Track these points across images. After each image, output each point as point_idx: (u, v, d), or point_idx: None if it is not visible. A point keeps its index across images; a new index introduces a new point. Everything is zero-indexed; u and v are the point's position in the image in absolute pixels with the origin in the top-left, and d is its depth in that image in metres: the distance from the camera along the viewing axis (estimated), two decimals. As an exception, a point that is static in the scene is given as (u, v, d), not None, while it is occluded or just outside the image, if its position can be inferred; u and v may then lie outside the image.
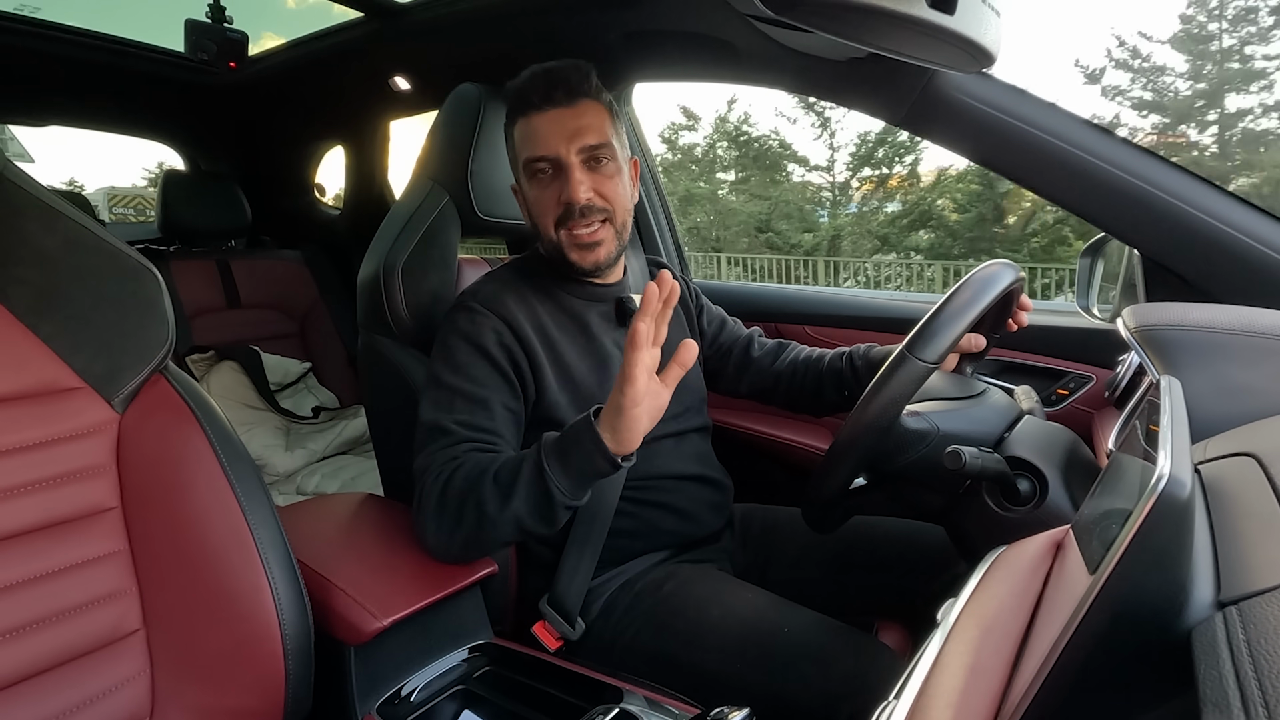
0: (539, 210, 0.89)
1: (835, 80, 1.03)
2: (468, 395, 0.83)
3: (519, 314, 0.89)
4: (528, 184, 0.90)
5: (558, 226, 0.89)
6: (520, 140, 0.89)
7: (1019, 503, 0.71)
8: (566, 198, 0.87)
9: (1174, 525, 0.28)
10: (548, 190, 0.88)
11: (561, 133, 0.86)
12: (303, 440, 1.89)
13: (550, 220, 0.89)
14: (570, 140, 0.86)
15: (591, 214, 0.88)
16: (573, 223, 0.88)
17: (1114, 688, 0.29)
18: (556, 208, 0.88)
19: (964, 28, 0.70)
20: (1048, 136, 0.90)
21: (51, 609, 0.60)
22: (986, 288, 0.75)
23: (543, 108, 0.87)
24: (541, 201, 0.89)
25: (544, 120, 0.87)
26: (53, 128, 1.94)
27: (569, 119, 0.86)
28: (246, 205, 2.07)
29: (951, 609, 0.43)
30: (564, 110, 0.86)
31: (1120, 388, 0.86)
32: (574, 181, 0.86)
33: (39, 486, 0.61)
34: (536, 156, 0.87)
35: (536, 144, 0.87)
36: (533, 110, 0.87)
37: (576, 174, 0.86)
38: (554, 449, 0.74)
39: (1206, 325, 0.69)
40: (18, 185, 0.64)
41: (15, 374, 0.62)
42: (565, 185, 0.87)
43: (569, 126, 0.86)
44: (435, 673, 0.79)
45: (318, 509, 1.00)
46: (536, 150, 0.87)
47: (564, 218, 0.88)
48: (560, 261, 0.91)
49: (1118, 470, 0.46)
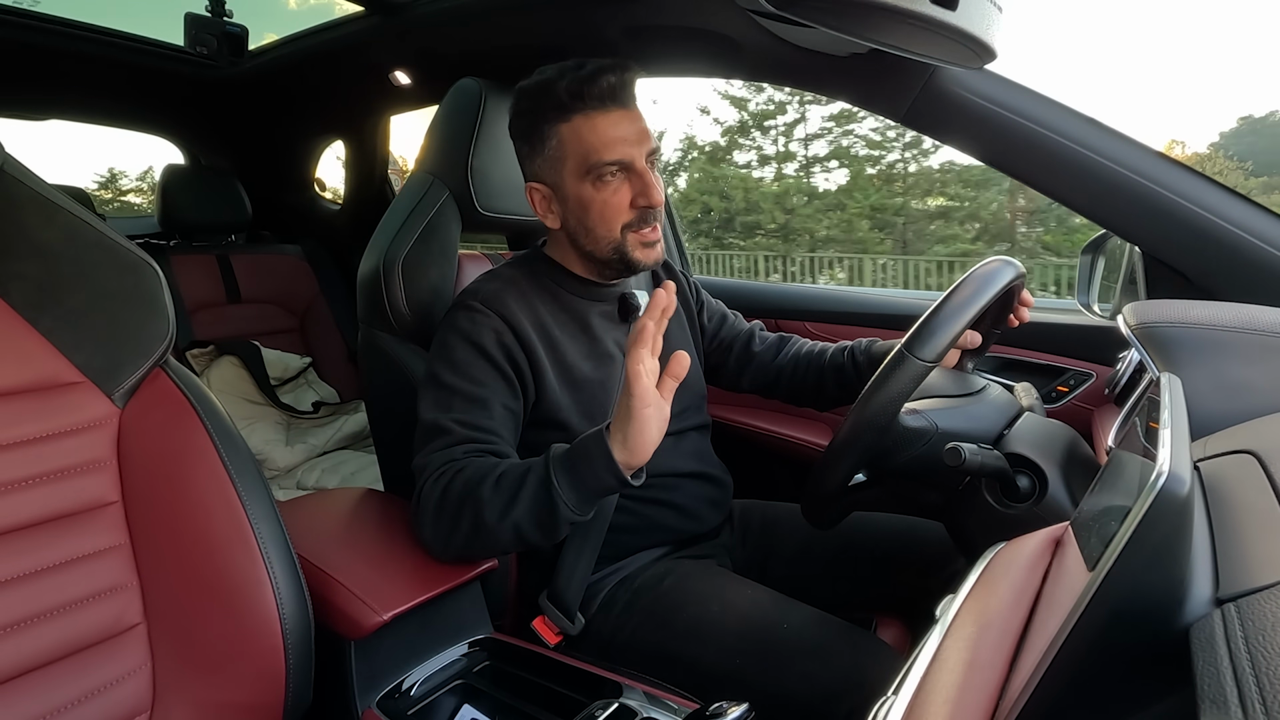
0: (605, 213, 0.87)
1: (836, 76, 1.03)
2: (466, 394, 0.83)
3: (520, 314, 0.88)
4: (589, 186, 0.86)
5: (626, 229, 0.88)
6: (582, 138, 0.85)
7: (1018, 499, 0.71)
8: (646, 202, 0.86)
9: (1173, 522, 0.28)
10: (618, 193, 0.86)
11: (631, 136, 0.85)
12: (303, 435, 1.89)
13: (618, 222, 0.87)
14: (639, 144, 0.85)
15: (658, 216, 0.88)
16: (645, 225, 0.88)
17: (1112, 684, 0.29)
18: (628, 211, 0.87)
19: (966, 23, 0.70)
20: (1048, 132, 0.90)
21: (53, 603, 0.60)
22: (986, 285, 0.75)
23: (607, 108, 0.84)
24: (610, 204, 0.86)
25: (609, 122, 0.84)
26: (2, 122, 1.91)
27: (631, 121, 0.85)
28: (247, 200, 2.07)
29: (950, 605, 0.43)
30: (625, 112, 0.85)
31: (1120, 385, 0.86)
32: (653, 186, 0.85)
33: (40, 481, 0.61)
34: (610, 160, 0.84)
35: (608, 147, 0.84)
36: (594, 110, 0.84)
37: (652, 178, 0.86)
38: (563, 463, 0.73)
39: (1207, 322, 0.69)
40: (17, 179, 0.64)
41: (16, 368, 0.62)
42: (642, 189, 0.85)
43: (634, 129, 0.85)
44: (435, 667, 0.79)
45: (318, 504, 1.00)
46: (609, 154, 0.84)
47: (636, 222, 0.87)
48: (618, 261, 0.90)
49: (1117, 467, 0.46)
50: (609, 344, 0.96)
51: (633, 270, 0.92)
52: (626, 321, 0.98)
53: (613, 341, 0.96)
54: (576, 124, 0.85)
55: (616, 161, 0.85)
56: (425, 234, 1.00)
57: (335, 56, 1.66)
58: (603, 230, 0.88)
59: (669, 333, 1.03)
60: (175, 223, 1.97)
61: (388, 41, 1.51)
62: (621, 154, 0.84)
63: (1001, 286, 0.76)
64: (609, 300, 0.98)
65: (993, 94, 0.92)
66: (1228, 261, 0.85)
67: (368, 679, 0.75)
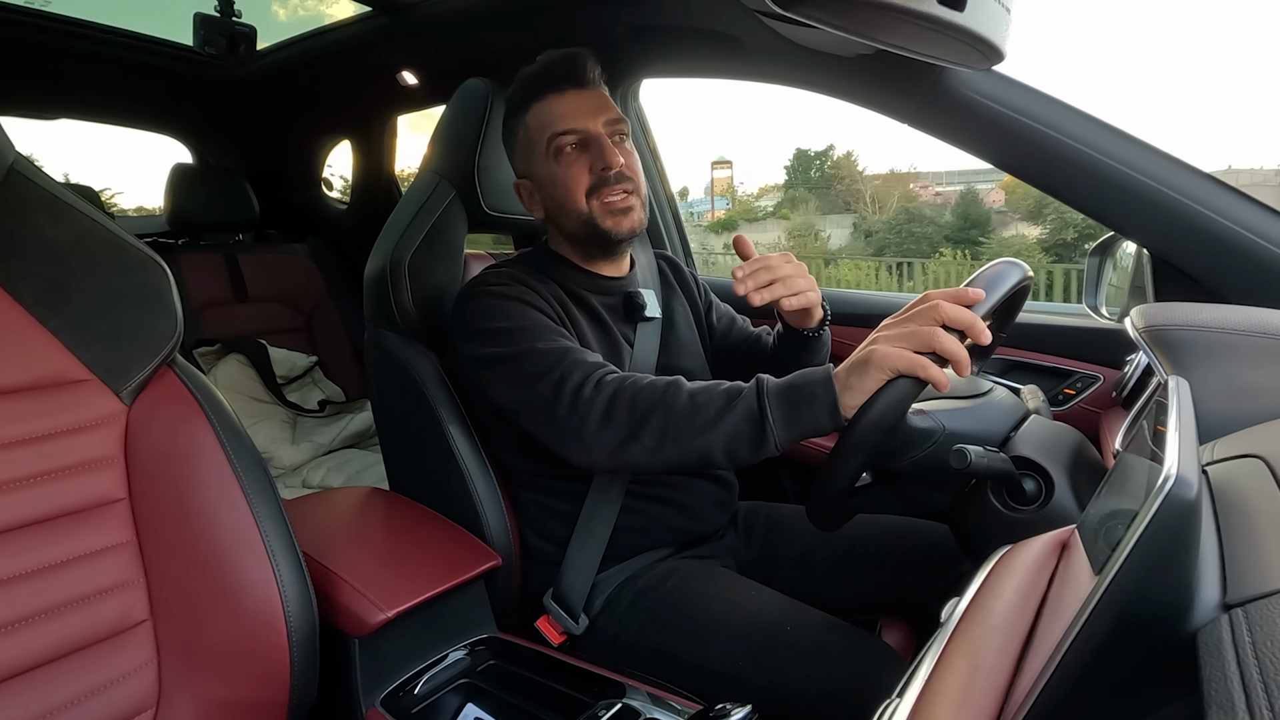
0: (568, 183, 0.89)
1: (843, 77, 1.03)
2: (541, 327, 0.84)
3: (538, 289, 0.89)
4: (552, 163, 0.90)
5: (589, 196, 0.89)
6: (541, 121, 0.90)
7: (1024, 502, 0.71)
8: (602, 164, 0.88)
9: (1180, 526, 0.28)
10: (576, 164, 0.89)
11: (586, 108, 0.89)
12: (308, 434, 1.90)
13: (581, 191, 0.89)
14: (596, 114, 0.89)
15: (623, 180, 0.89)
16: (606, 189, 0.89)
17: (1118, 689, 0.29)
18: (589, 177, 0.89)
19: (974, 24, 0.70)
20: (1056, 134, 0.90)
21: (61, 598, 0.60)
22: (994, 287, 0.74)
23: (563, 90, 0.89)
24: (570, 175, 0.89)
25: (565, 100, 0.89)
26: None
27: (590, 98, 0.90)
28: (254, 199, 2.08)
29: (955, 608, 0.43)
30: (582, 91, 0.90)
31: (1128, 388, 0.86)
32: (609, 148, 0.88)
33: (48, 477, 0.61)
34: (563, 130, 0.88)
35: (563, 120, 0.89)
36: (551, 93, 0.90)
37: (609, 143, 0.88)
38: (780, 400, 0.71)
39: (1216, 325, 0.68)
40: (27, 178, 0.65)
41: (25, 366, 0.62)
42: (599, 154, 0.88)
43: (591, 103, 0.90)
44: (439, 666, 0.79)
45: (323, 502, 1.01)
46: (563, 125, 0.88)
47: (597, 185, 0.89)
48: (591, 235, 0.91)
49: (1124, 471, 0.45)
50: (618, 334, 0.96)
51: (609, 242, 0.92)
52: (631, 320, 0.98)
53: (620, 333, 0.96)
54: (535, 110, 0.91)
55: (570, 130, 0.88)
56: (432, 233, 1.01)
57: (343, 57, 1.67)
58: (570, 203, 0.90)
59: (676, 330, 1.03)
60: (184, 221, 1.98)
61: (395, 42, 1.52)
62: (574, 123, 0.88)
63: (1008, 288, 0.76)
64: (615, 294, 0.98)
65: (1000, 95, 0.92)
66: (1237, 264, 0.84)
67: (372, 677, 0.76)
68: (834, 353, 1.40)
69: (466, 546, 0.89)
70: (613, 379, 0.77)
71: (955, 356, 0.66)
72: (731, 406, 0.72)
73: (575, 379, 0.77)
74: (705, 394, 0.74)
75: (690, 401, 0.73)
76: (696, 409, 0.73)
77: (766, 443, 0.71)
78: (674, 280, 1.11)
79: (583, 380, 0.77)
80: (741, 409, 0.71)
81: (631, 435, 0.74)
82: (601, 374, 0.78)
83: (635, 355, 0.96)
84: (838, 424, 0.69)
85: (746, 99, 62.67)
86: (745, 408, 0.71)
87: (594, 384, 0.77)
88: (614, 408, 0.75)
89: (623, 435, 0.75)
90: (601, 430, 0.75)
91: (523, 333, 0.83)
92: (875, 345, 0.68)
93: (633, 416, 0.74)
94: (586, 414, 0.76)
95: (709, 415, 0.72)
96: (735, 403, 0.72)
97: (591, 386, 0.77)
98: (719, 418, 0.72)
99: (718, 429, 0.72)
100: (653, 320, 1.00)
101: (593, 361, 0.80)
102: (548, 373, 0.79)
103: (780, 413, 0.70)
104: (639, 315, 0.98)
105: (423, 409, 0.95)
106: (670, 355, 1.00)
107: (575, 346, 0.83)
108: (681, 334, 1.04)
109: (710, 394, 0.74)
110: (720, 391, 0.74)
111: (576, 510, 0.91)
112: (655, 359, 0.98)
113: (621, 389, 0.76)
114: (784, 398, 0.71)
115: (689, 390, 0.74)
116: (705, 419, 0.72)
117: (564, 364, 0.79)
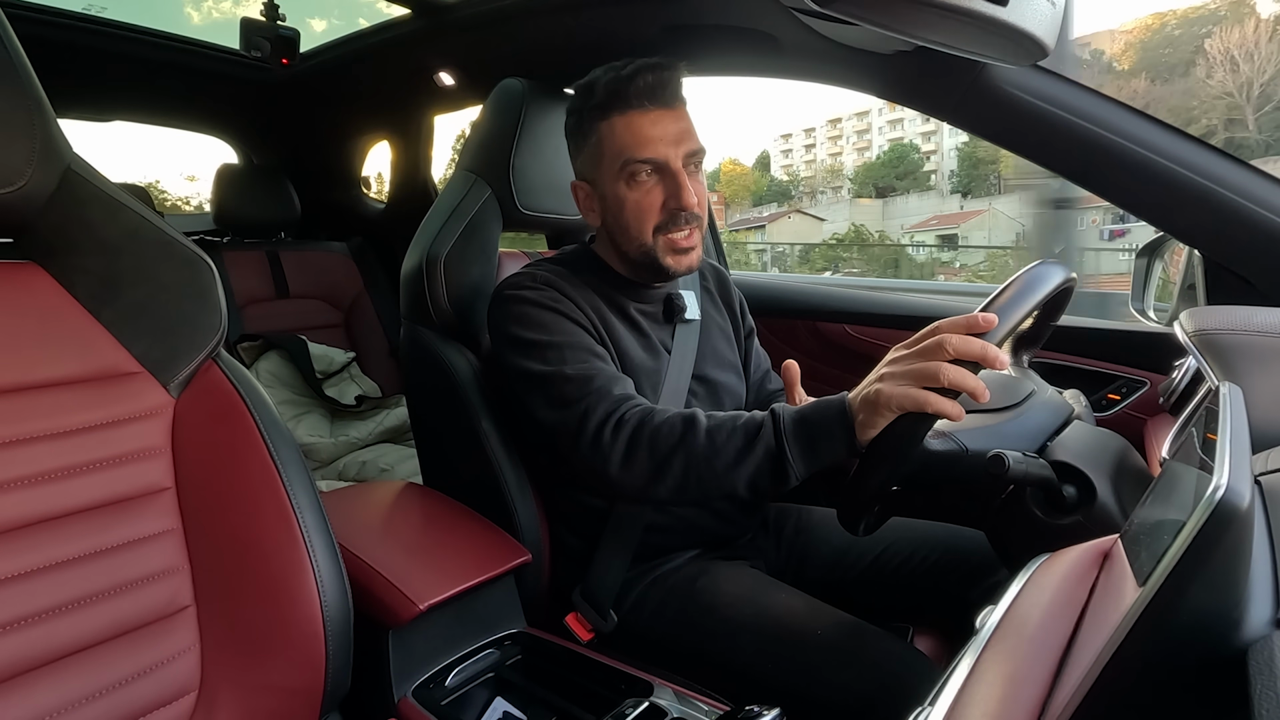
0: (637, 213, 0.87)
1: (881, 74, 1.01)
2: (572, 344, 0.84)
3: (574, 294, 0.89)
4: (623, 186, 0.87)
5: (657, 231, 0.87)
6: (619, 138, 0.86)
7: (1064, 510, 0.69)
8: (677, 204, 0.85)
9: (1231, 538, 0.27)
10: (650, 194, 0.86)
11: (669, 136, 0.85)
12: (345, 428, 1.94)
13: (649, 224, 0.87)
14: (677, 144, 0.85)
15: (692, 221, 0.87)
16: (675, 228, 0.87)
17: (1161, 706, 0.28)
18: (659, 213, 0.86)
19: (1017, 19, 0.68)
20: (1102, 131, 0.87)
21: (110, 583, 0.63)
22: (1029, 292, 0.69)
23: (646, 107, 0.85)
24: (642, 205, 0.87)
25: (647, 121, 0.85)
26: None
27: (672, 121, 0.86)
28: (296, 198, 2.13)
29: (991, 617, 0.42)
30: (667, 112, 0.86)
31: (1176, 394, 0.83)
32: (686, 188, 0.85)
33: (99, 466, 0.64)
34: (642, 158, 0.85)
35: (642, 145, 0.85)
36: (633, 108, 0.85)
37: (686, 180, 0.85)
38: (799, 433, 0.71)
39: (1272, 330, 0.66)
40: (83, 178, 0.67)
41: (80, 358, 0.65)
42: (674, 190, 0.85)
43: (674, 130, 0.85)
44: (470, 659, 0.81)
45: (359, 495, 1.03)
46: (642, 152, 0.85)
47: (666, 223, 0.87)
48: (648, 264, 0.90)
49: (1171, 479, 0.44)
50: (655, 340, 0.95)
51: (663, 276, 0.91)
52: (671, 322, 0.98)
53: (658, 340, 0.96)
54: (615, 122, 0.86)
55: (649, 160, 0.85)
56: (467, 232, 1.02)
57: (382, 58, 1.70)
58: (635, 231, 0.88)
59: (712, 339, 1.03)
60: (228, 220, 2.04)
61: (433, 43, 1.54)
62: (654, 153, 0.85)
63: (1047, 291, 0.73)
64: (654, 301, 0.97)
65: (1044, 91, 0.89)
66: None
67: (404, 668, 0.77)
68: (859, 352, 1.38)
69: (498, 542, 0.90)
70: (633, 416, 0.78)
71: (966, 388, 0.63)
72: (751, 447, 0.73)
73: (598, 416, 0.78)
74: (722, 432, 0.74)
75: (709, 442, 0.74)
76: (716, 450, 0.73)
77: (788, 479, 0.72)
78: (714, 289, 1.09)
79: (604, 419, 0.78)
80: (760, 449, 0.72)
81: (654, 478, 0.76)
82: (622, 412, 0.78)
83: (672, 362, 0.95)
84: (856, 454, 0.69)
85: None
86: (764, 447, 0.72)
87: (613, 426, 0.77)
88: (634, 451, 0.76)
89: (645, 478, 0.76)
90: (624, 473, 0.77)
91: (554, 350, 0.83)
92: (880, 385, 0.67)
93: (653, 460, 0.75)
94: (608, 456, 0.77)
95: (729, 457, 0.73)
96: (754, 443, 0.73)
97: (610, 429, 0.77)
98: (739, 459, 0.73)
99: (739, 470, 0.73)
100: (692, 322, 0.99)
101: (618, 395, 0.80)
102: (574, 402, 0.80)
103: (799, 448, 0.71)
104: (678, 317, 0.97)
105: (456, 405, 0.97)
106: (705, 363, 0.99)
107: (602, 371, 0.82)
108: (717, 344, 1.03)
109: (728, 431, 0.74)
110: (738, 428, 0.74)
111: (607, 509, 0.92)
112: (691, 366, 0.97)
113: (640, 430, 0.76)
114: (801, 433, 0.72)
115: (706, 429, 0.74)
116: (725, 461, 0.73)
117: (588, 397, 0.80)
